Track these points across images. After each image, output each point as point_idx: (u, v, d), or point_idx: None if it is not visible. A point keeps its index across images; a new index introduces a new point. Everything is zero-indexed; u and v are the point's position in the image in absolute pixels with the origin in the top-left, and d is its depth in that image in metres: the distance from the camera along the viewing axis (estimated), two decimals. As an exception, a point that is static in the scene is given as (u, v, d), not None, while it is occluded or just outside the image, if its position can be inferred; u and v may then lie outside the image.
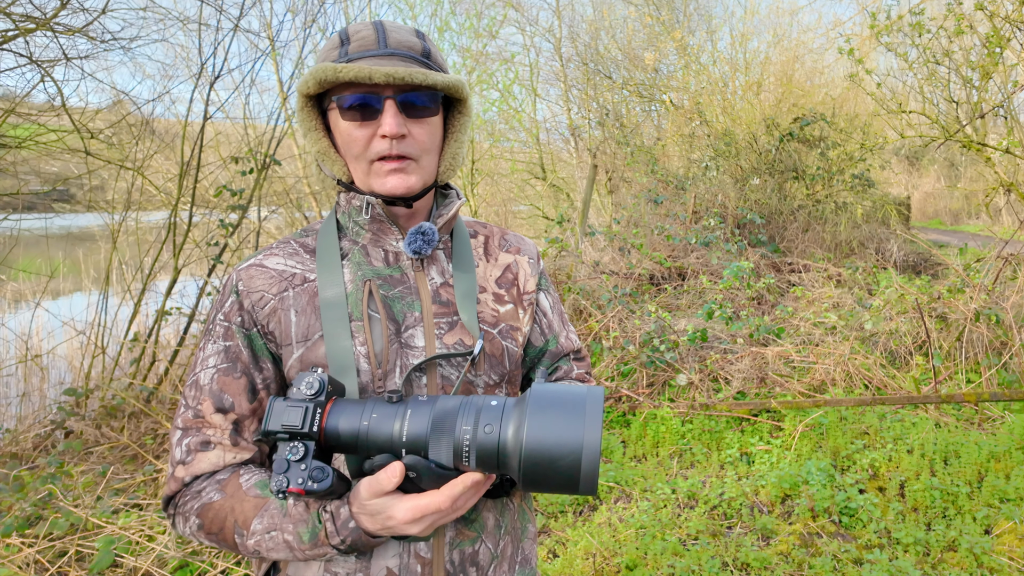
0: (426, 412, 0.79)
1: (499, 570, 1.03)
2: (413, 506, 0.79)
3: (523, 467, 0.73)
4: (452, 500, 0.79)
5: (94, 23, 4.60)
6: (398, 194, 0.96)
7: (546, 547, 3.05)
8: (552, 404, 0.75)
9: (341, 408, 0.82)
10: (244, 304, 0.96)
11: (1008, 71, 7.07)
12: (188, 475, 0.93)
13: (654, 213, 8.40)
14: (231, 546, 0.89)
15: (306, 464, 0.78)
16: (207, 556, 2.67)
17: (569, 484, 0.73)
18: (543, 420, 0.73)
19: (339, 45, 0.95)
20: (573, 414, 0.73)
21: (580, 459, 0.72)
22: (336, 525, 0.83)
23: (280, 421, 0.79)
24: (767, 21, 15.81)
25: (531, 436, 0.73)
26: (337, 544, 0.84)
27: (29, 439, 4.08)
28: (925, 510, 3.17)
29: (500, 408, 0.78)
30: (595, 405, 0.74)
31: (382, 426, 0.80)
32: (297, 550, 0.86)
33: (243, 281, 0.97)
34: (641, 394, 4.57)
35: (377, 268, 1.00)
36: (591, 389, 0.76)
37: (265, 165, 4.94)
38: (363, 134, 0.93)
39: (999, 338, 4.80)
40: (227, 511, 0.89)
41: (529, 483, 0.75)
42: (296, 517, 0.86)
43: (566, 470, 0.72)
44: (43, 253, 6.03)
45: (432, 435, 0.78)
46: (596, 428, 0.72)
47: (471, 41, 10.38)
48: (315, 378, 0.81)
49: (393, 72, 0.89)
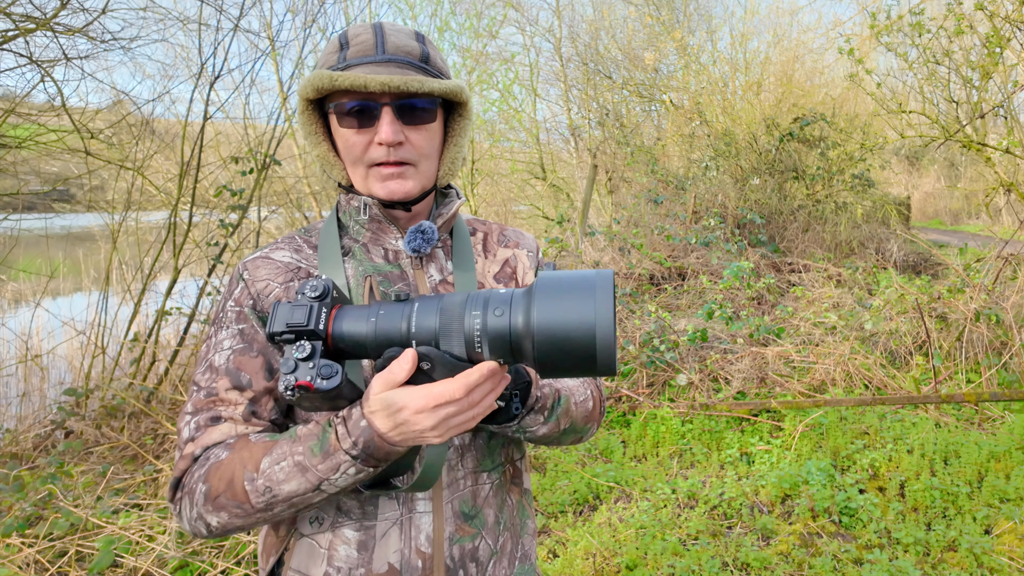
0: (434, 306, 0.77)
1: (499, 566, 1.03)
2: (426, 393, 0.75)
3: (537, 349, 0.71)
4: (467, 388, 0.75)
5: (94, 23, 4.61)
6: (396, 199, 0.98)
7: (546, 547, 3.05)
8: (561, 286, 0.72)
9: (346, 311, 0.80)
10: (251, 291, 0.98)
11: (1008, 71, 7.07)
12: (198, 448, 0.90)
13: (654, 213, 8.40)
14: (242, 499, 0.84)
15: (314, 362, 0.75)
16: (207, 556, 2.67)
17: (586, 363, 0.71)
18: (553, 301, 0.71)
19: (338, 49, 0.96)
20: (583, 293, 0.71)
21: (594, 335, 0.69)
22: (347, 426, 0.80)
23: (285, 320, 0.76)
24: (767, 21, 15.83)
25: (542, 317, 0.71)
26: (349, 448, 0.79)
27: (29, 439, 4.08)
28: (925, 510, 3.17)
29: (508, 296, 0.75)
30: (605, 284, 0.71)
31: (390, 323, 0.77)
32: (310, 468, 0.81)
33: (248, 271, 0.99)
34: (641, 394, 4.57)
35: (377, 265, 1.02)
36: (599, 271, 0.74)
37: (265, 165, 4.94)
38: (361, 140, 0.94)
39: (999, 338, 4.80)
40: (235, 462, 0.85)
41: (546, 367, 0.72)
42: (307, 435, 0.83)
43: (581, 348, 0.70)
44: (43, 253, 6.03)
45: (442, 327, 0.76)
46: (608, 305, 0.70)
47: (471, 41, 10.39)
48: (319, 282, 0.79)
49: (389, 81, 0.89)
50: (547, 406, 0.95)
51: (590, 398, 1.06)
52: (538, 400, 0.93)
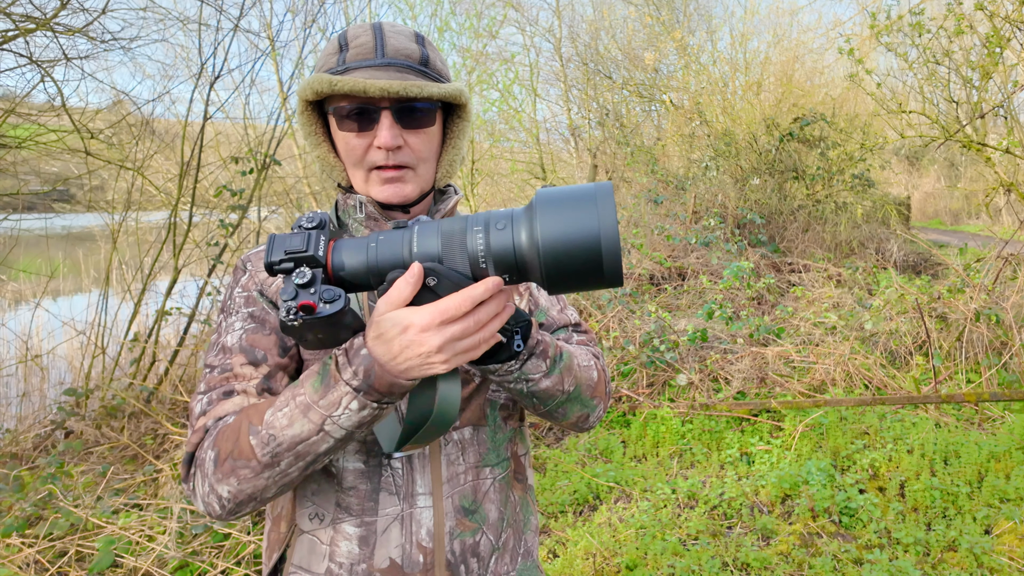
0: (434, 229, 0.75)
1: (501, 561, 1.04)
2: (431, 308, 0.73)
3: (543, 263, 0.70)
4: (472, 302, 0.73)
5: (94, 23, 4.61)
6: (394, 203, 0.99)
7: (546, 547, 3.05)
8: (561, 199, 0.72)
9: (344, 243, 0.78)
10: (257, 279, 1.00)
11: (1008, 71, 7.07)
12: (210, 420, 0.89)
13: (654, 213, 8.40)
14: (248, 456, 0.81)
15: (315, 288, 0.72)
16: (207, 556, 2.67)
17: (594, 274, 0.70)
18: (555, 214, 0.71)
19: (337, 51, 0.96)
20: (585, 204, 0.70)
21: (599, 243, 0.69)
22: (348, 356, 0.77)
23: (283, 248, 0.74)
24: (767, 21, 15.83)
25: (546, 230, 0.70)
26: (349, 379, 0.76)
27: (29, 439, 4.08)
28: (925, 510, 3.17)
29: (509, 213, 0.75)
30: (605, 195, 0.71)
31: (390, 249, 0.75)
32: (312, 407, 0.78)
33: (251, 262, 1.02)
34: (641, 394, 4.57)
35: None
36: (599, 184, 0.73)
37: (265, 165, 4.94)
38: (360, 143, 0.95)
39: (999, 338, 4.80)
40: (241, 420, 0.84)
41: (554, 281, 0.71)
42: (308, 374, 0.81)
43: (588, 257, 0.69)
44: (43, 253, 6.04)
45: (444, 248, 0.74)
46: (611, 214, 0.69)
47: (471, 41, 10.38)
48: (315, 214, 0.77)
49: (388, 87, 0.89)
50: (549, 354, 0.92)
51: (594, 368, 1.04)
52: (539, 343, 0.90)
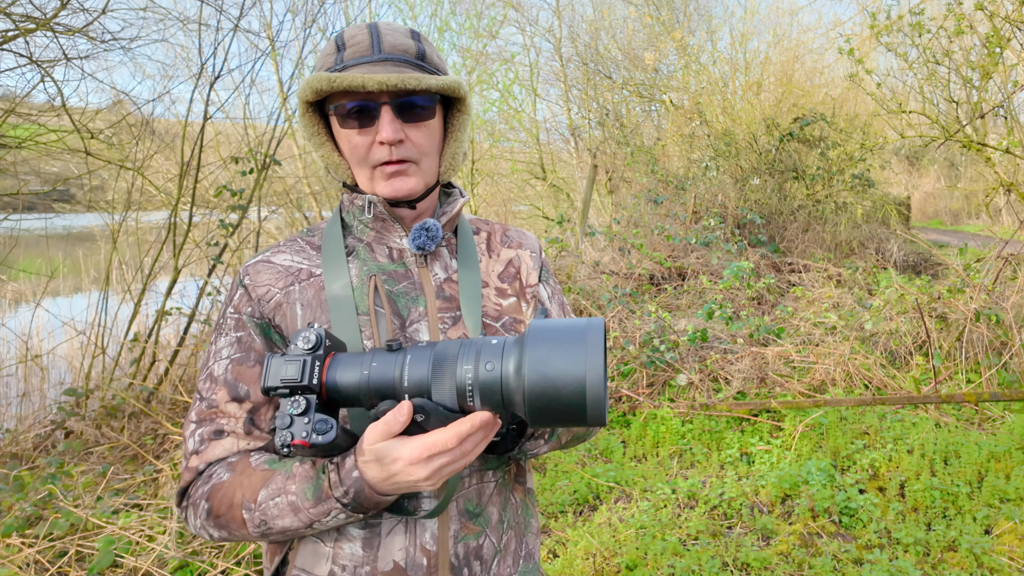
0: (426, 356, 0.78)
1: (503, 564, 1.03)
2: (419, 444, 0.77)
3: (528, 401, 0.72)
4: (459, 438, 0.77)
5: (94, 23, 4.61)
6: (400, 197, 0.99)
7: (546, 547, 3.05)
8: (551, 336, 0.74)
9: (340, 360, 0.81)
10: (252, 296, 0.99)
11: (1008, 71, 7.07)
12: (202, 463, 0.93)
13: (654, 213, 8.40)
14: (239, 524, 0.88)
15: (309, 417, 0.77)
16: (207, 556, 2.67)
17: (577, 414, 0.72)
18: (544, 352, 0.72)
19: (335, 51, 0.97)
20: (574, 344, 0.72)
21: (584, 387, 0.70)
22: (340, 475, 0.82)
23: (279, 376, 0.78)
24: (767, 21, 15.81)
25: (532, 369, 0.72)
26: (340, 496, 0.82)
27: (29, 439, 4.08)
28: (925, 510, 3.17)
29: (500, 346, 0.77)
30: (596, 334, 0.73)
31: (383, 373, 0.78)
32: (302, 510, 0.84)
33: (249, 276, 1.00)
34: (641, 394, 4.57)
35: (382, 264, 1.03)
36: (591, 320, 0.75)
37: (265, 165, 4.94)
38: (363, 141, 0.96)
39: (999, 338, 4.80)
40: (235, 487, 0.88)
41: (537, 418, 0.74)
42: (301, 476, 0.85)
43: (572, 400, 0.71)
44: (43, 253, 6.04)
45: (434, 377, 0.77)
46: (598, 356, 0.71)
47: (471, 41, 10.38)
48: (312, 333, 0.80)
49: (386, 80, 0.90)
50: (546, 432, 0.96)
51: None
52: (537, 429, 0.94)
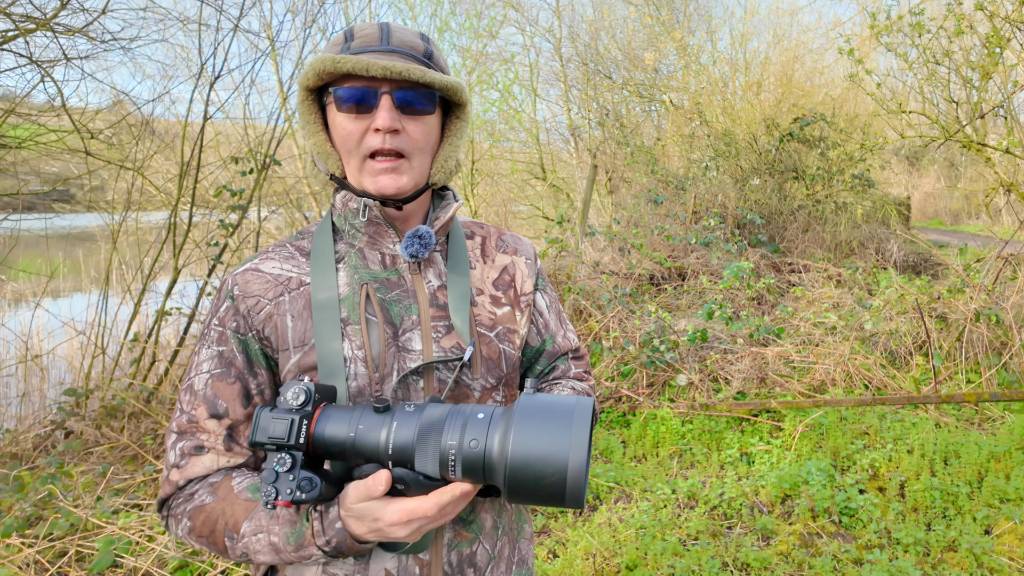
0: (412, 422, 0.80)
1: (496, 571, 1.03)
2: (401, 509, 0.79)
3: (508, 481, 0.74)
4: (439, 507, 0.80)
5: (94, 23, 4.61)
6: (388, 194, 0.96)
7: (546, 547, 3.05)
8: (538, 417, 0.75)
9: (329, 415, 0.82)
10: (240, 309, 0.96)
11: (1008, 71, 7.07)
12: (182, 479, 0.93)
13: (654, 213, 8.40)
14: (221, 549, 0.89)
15: (294, 475, 0.79)
16: (207, 556, 2.67)
17: (555, 499, 0.74)
18: (528, 434, 0.74)
19: (343, 41, 0.96)
20: (559, 428, 0.73)
21: (566, 476, 0.72)
22: (323, 524, 0.83)
23: (267, 434, 0.79)
24: (767, 21, 15.82)
25: (516, 451, 0.73)
26: (322, 545, 0.83)
27: (29, 439, 4.07)
28: (925, 510, 3.17)
29: (487, 420, 0.78)
30: (582, 419, 0.74)
31: (369, 436, 0.80)
32: (283, 551, 0.86)
33: (239, 286, 0.97)
34: (641, 394, 4.57)
35: (374, 271, 1.00)
36: (579, 401, 0.76)
37: (265, 165, 4.94)
38: (357, 127, 0.93)
39: (999, 338, 4.80)
40: (218, 514, 0.89)
41: (515, 496, 0.76)
42: (284, 519, 0.86)
43: (551, 486, 0.73)
44: (43, 253, 6.04)
45: (418, 445, 0.78)
46: (582, 444, 0.72)
47: (471, 41, 10.38)
48: (301, 388, 0.81)
49: (391, 66, 0.89)
50: None
51: None
52: None
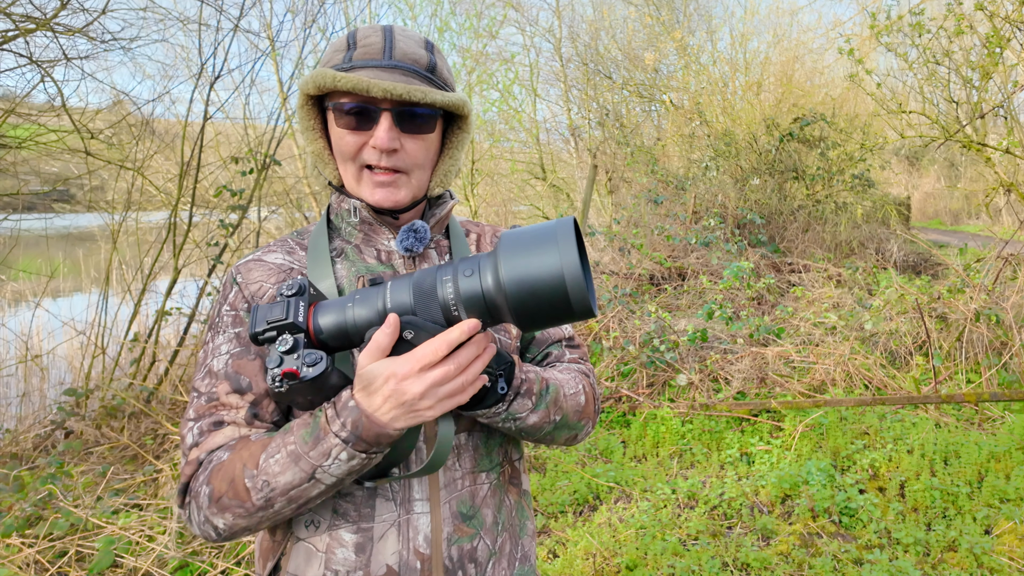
0: (406, 283, 0.79)
1: (498, 566, 1.03)
2: (410, 357, 0.76)
3: (511, 305, 0.73)
4: (449, 345, 0.76)
5: (94, 23, 4.61)
6: (385, 207, 0.98)
7: (546, 547, 3.05)
8: (523, 240, 0.75)
9: (324, 306, 0.82)
10: (245, 294, 0.99)
11: (1008, 71, 7.07)
12: (203, 452, 0.91)
13: (654, 213, 8.40)
14: (243, 497, 0.84)
15: (298, 353, 0.77)
16: (207, 556, 2.67)
17: (563, 309, 0.73)
18: (517, 256, 0.74)
19: (345, 48, 0.96)
20: (546, 242, 0.73)
21: (564, 282, 0.71)
22: (336, 408, 0.80)
23: (265, 319, 0.78)
24: (767, 21, 15.81)
25: (509, 272, 0.73)
26: (338, 431, 0.79)
27: (29, 439, 4.08)
28: (925, 510, 3.17)
29: (476, 260, 0.78)
30: (565, 231, 0.73)
31: (367, 306, 0.79)
32: (302, 456, 0.81)
33: (241, 274, 1.00)
34: (641, 394, 4.57)
35: (370, 265, 1.02)
36: (560, 220, 0.76)
37: (265, 165, 4.94)
38: (355, 140, 0.94)
39: (999, 338, 4.80)
40: (235, 461, 0.86)
41: (524, 320, 0.75)
42: (299, 424, 0.83)
43: (554, 295, 0.72)
44: (43, 253, 6.04)
45: (417, 300, 0.78)
46: (571, 249, 0.71)
47: (471, 41, 10.38)
48: (294, 281, 0.81)
49: (391, 88, 0.89)
50: (534, 391, 0.94)
51: (582, 392, 1.05)
52: (523, 383, 0.92)
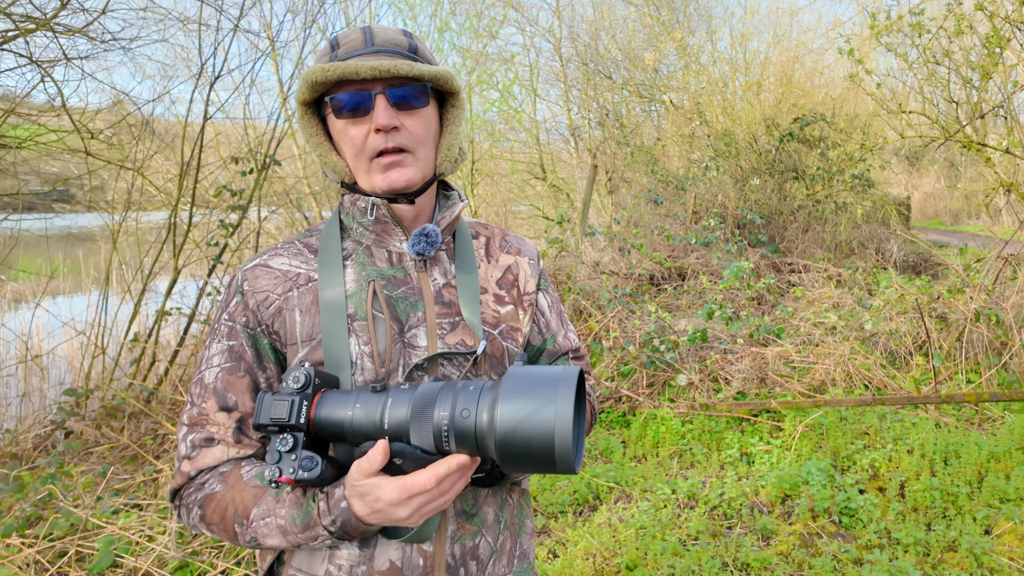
0: (406, 399, 0.83)
1: (498, 564, 1.04)
2: (399, 485, 0.81)
3: (499, 450, 0.76)
4: (437, 479, 0.80)
5: (94, 23, 4.61)
6: (399, 188, 0.98)
7: (546, 547, 3.05)
8: (525, 386, 0.77)
9: (329, 399, 0.85)
10: (249, 304, 0.99)
11: (1008, 71, 7.07)
12: (193, 469, 0.96)
13: (654, 213, 8.40)
14: (231, 536, 0.92)
15: (296, 454, 0.82)
16: (207, 556, 2.67)
17: (546, 463, 0.75)
18: (516, 403, 0.76)
19: (329, 51, 0.99)
20: (545, 395, 0.75)
21: (553, 440, 0.73)
22: (328, 504, 0.86)
23: (268, 415, 0.83)
24: (767, 21, 15.80)
25: (504, 419, 0.75)
26: (328, 525, 0.85)
27: (29, 439, 4.07)
28: (925, 510, 3.17)
29: (477, 392, 0.80)
30: (567, 385, 0.75)
31: (366, 415, 0.83)
32: (290, 533, 0.88)
33: (248, 281, 1.00)
34: (641, 394, 4.57)
35: (381, 268, 1.02)
36: (565, 369, 0.78)
37: (265, 165, 4.94)
38: (358, 131, 0.96)
39: (999, 338, 4.80)
40: (227, 501, 0.91)
41: (508, 464, 0.77)
42: (291, 502, 0.88)
43: (540, 452, 0.75)
44: (43, 253, 6.03)
45: (412, 421, 0.81)
46: (567, 408, 0.74)
47: (471, 41, 10.37)
48: (301, 372, 0.84)
49: (378, 65, 0.92)
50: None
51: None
52: None
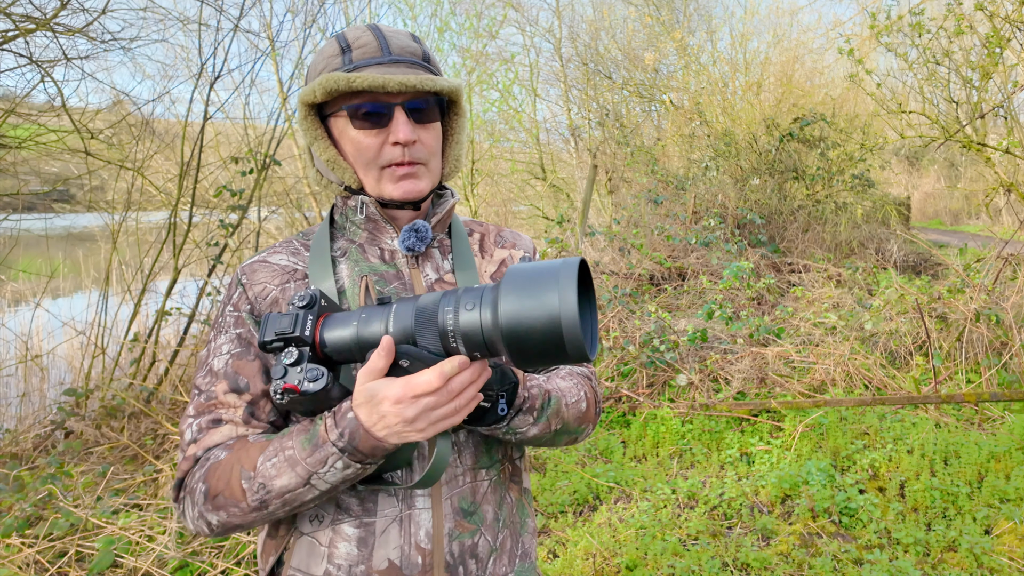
0: (410, 306, 0.81)
1: (499, 563, 1.03)
2: (404, 383, 0.77)
3: (506, 343, 0.74)
4: (443, 377, 0.76)
5: (94, 23, 4.61)
6: (411, 199, 1.00)
7: (546, 547, 3.05)
8: (526, 278, 0.75)
9: (333, 318, 0.84)
10: (249, 295, 1.00)
11: (1008, 71, 7.07)
12: (200, 449, 0.93)
13: (654, 213, 8.40)
14: (239, 497, 0.86)
15: (302, 367, 0.80)
16: (207, 556, 2.67)
17: (557, 351, 0.73)
18: (518, 294, 0.74)
19: (339, 53, 0.97)
20: (547, 284, 0.73)
21: (560, 325, 0.71)
22: (336, 419, 0.82)
23: (274, 329, 0.81)
24: (767, 21, 15.79)
25: (507, 311, 0.73)
26: (335, 440, 0.81)
27: (29, 439, 4.08)
28: (925, 510, 3.17)
29: (480, 292, 0.78)
30: (569, 272, 0.73)
31: (371, 326, 0.81)
32: (299, 462, 0.84)
33: (246, 275, 1.02)
34: (641, 394, 4.57)
35: (373, 264, 1.04)
36: (565, 260, 0.75)
37: (265, 165, 4.94)
38: (375, 142, 0.97)
39: (999, 338, 4.80)
40: (233, 462, 0.88)
41: (519, 359, 0.75)
42: (298, 431, 0.86)
43: (549, 340, 0.72)
44: (43, 253, 6.03)
45: (417, 325, 0.79)
46: (571, 293, 0.71)
47: (471, 41, 10.38)
48: (307, 292, 0.83)
49: (405, 81, 0.92)
50: (536, 406, 0.95)
51: (583, 399, 1.06)
52: (526, 400, 0.93)
